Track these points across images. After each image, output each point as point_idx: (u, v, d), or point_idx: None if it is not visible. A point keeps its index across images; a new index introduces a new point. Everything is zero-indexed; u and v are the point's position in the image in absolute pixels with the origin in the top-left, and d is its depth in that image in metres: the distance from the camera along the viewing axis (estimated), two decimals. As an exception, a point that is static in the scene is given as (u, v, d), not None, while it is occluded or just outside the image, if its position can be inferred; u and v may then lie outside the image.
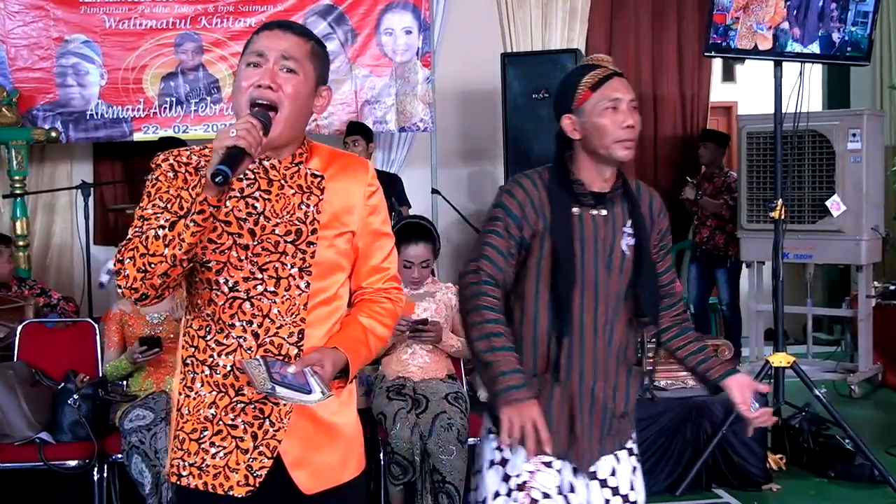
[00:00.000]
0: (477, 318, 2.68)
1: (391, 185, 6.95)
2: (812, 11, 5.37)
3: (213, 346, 2.36)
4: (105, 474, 4.53)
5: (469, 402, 4.71)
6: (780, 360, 5.49)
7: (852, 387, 7.25)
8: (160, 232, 2.20)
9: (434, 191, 7.74)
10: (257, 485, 2.35)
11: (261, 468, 2.35)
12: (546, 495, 2.74)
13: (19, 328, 5.10)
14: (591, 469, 2.79)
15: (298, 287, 2.35)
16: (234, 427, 2.36)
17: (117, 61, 7.31)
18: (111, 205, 7.45)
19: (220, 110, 7.45)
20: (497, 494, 2.80)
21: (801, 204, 7.31)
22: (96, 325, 5.14)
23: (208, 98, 7.44)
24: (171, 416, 2.48)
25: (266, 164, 2.38)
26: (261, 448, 2.35)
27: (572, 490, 2.77)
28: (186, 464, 2.38)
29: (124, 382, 4.75)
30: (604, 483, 2.81)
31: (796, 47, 5.41)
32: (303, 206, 2.37)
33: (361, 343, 2.45)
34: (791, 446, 5.58)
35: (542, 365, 2.76)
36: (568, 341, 2.73)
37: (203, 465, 2.36)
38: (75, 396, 4.65)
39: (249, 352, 2.33)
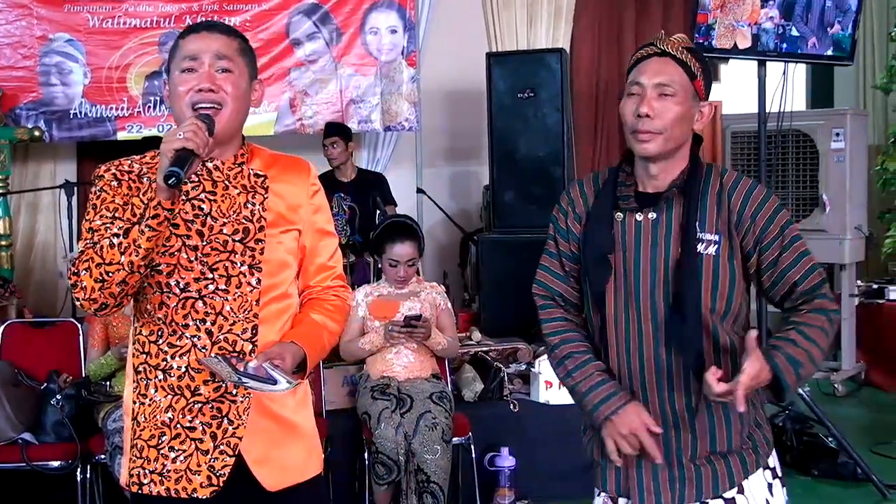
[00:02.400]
0: (549, 350, 2.56)
1: (377, 185, 6.94)
2: (798, 10, 5.39)
3: (166, 348, 2.37)
4: (88, 475, 4.51)
5: (454, 402, 4.71)
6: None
7: (836, 385, 7.27)
8: (115, 240, 2.23)
9: (419, 190, 7.74)
10: (221, 484, 2.35)
11: (223, 467, 2.36)
12: None
13: (1, 329, 5.08)
14: None
15: (250, 284, 2.38)
16: (192, 429, 2.36)
17: (101, 60, 7.27)
18: (95, 204, 7.40)
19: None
20: None
21: (784, 203, 7.33)
22: (79, 326, 5.12)
23: (192, 97, 7.40)
24: (125, 428, 2.48)
25: (209, 165, 2.42)
26: (221, 447, 2.36)
27: None
28: (147, 471, 2.38)
29: (108, 383, 4.73)
30: None
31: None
32: (248, 205, 2.41)
33: (316, 338, 2.48)
34: (775, 445, 5.59)
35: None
36: (615, 350, 2.45)
37: (164, 471, 2.36)
38: (58, 397, 4.63)
39: (204, 350, 2.35)
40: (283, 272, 2.45)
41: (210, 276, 2.37)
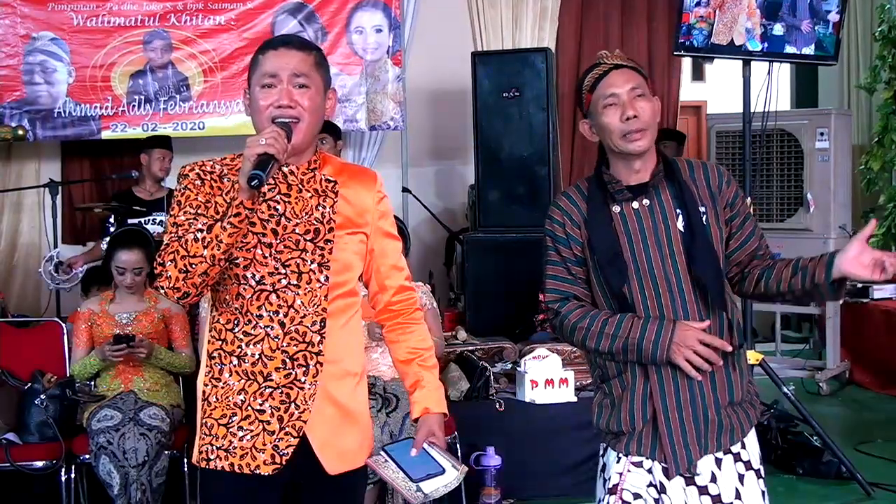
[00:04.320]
0: (581, 335, 2.69)
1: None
2: (800, 10, 5.41)
3: (241, 336, 2.54)
4: (73, 475, 4.50)
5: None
6: (748, 357, 5.51)
7: (820, 384, 7.30)
8: (199, 235, 2.40)
9: (405, 189, 7.74)
10: (283, 462, 2.52)
11: (287, 447, 2.52)
12: (637, 496, 2.69)
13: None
14: (690, 473, 2.65)
15: (319, 280, 2.55)
16: (262, 412, 2.53)
17: (85, 59, 7.24)
18: (79, 203, 7.36)
19: (189, 108, 7.40)
20: (599, 501, 2.78)
21: (769, 202, 7.37)
22: (63, 325, 5.10)
23: (177, 96, 7.38)
24: (196, 407, 2.65)
25: (285, 169, 2.58)
26: (287, 429, 2.52)
27: (664, 491, 2.66)
28: (214, 447, 2.55)
29: (92, 383, 4.71)
30: (703, 490, 2.65)
31: (787, 49, 5.44)
32: (319, 208, 2.58)
33: (438, 387, 2.76)
34: (759, 443, 5.61)
35: (621, 365, 2.70)
36: None
37: (230, 448, 2.53)
38: (42, 397, 4.61)
39: (276, 340, 2.52)
40: (349, 271, 2.62)
41: (283, 271, 2.54)
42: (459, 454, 4.75)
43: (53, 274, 6.04)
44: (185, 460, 4.61)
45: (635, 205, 2.70)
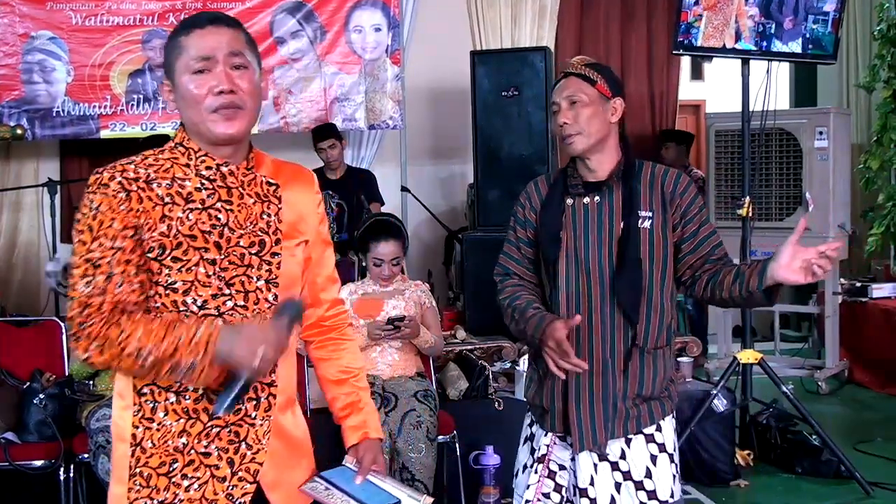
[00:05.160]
0: (503, 312, 3.06)
1: (365, 182, 6.95)
2: (792, 8, 5.40)
3: None
4: (72, 474, 4.49)
5: (438, 400, 4.71)
6: (747, 356, 5.52)
7: (819, 383, 7.31)
8: (139, 361, 2.06)
9: (404, 189, 7.73)
10: None
11: (244, 495, 2.22)
12: (562, 467, 2.98)
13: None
14: (598, 452, 2.92)
15: (267, 300, 2.24)
16: (208, 455, 2.20)
17: (84, 58, 7.24)
18: (78, 202, 7.36)
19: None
20: (525, 467, 3.09)
21: (768, 201, 7.36)
22: (62, 324, 5.10)
23: (176, 95, 7.37)
24: (117, 455, 2.26)
25: (224, 169, 2.25)
26: (240, 474, 2.21)
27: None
28: (156, 501, 2.18)
29: (91, 382, 4.71)
30: (614, 466, 2.92)
31: (777, 45, 5.44)
32: (264, 216, 2.26)
33: (374, 409, 2.54)
34: (759, 442, 5.62)
35: None
36: (567, 313, 2.91)
37: (175, 501, 2.18)
38: (41, 396, 4.61)
39: None
40: (295, 286, 2.32)
41: (227, 291, 2.19)
42: (458, 453, 4.75)
43: (60, 280, 6.01)
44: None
45: (586, 200, 2.95)
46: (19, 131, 7.01)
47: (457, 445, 4.75)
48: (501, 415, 5.11)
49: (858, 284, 7.66)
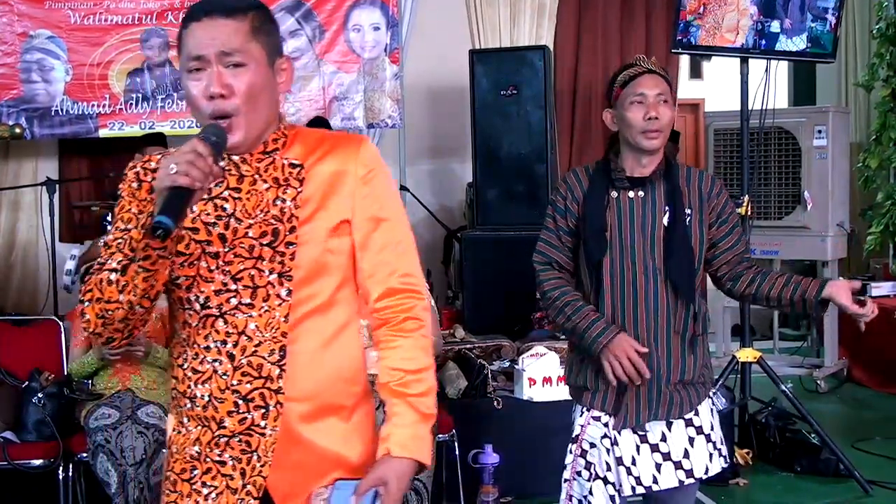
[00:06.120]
0: (548, 303, 3.13)
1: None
2: (794, 6, 5.40)
3: (190, 374, 2.08)
4: (70, 473, 4.49)
5: (437, 399, 4.69)
6: (746, 355, 5.53)
7: (818, 382, 7.31)
8: (112, 276, 1.95)
9: (402, 187, 7.72)
10: None
11: None
12: (592, 444, 3.08)
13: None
14: (643, 432, 3.07)
15: (279, 296, 2.04)
16: (223, 464, 2.07)
17: (83, 57, 7.23)
18: (77, 201, 7.36)
19: (187, 106, 7.37)
20: (569, 452, 3.16)
21: (767, 200, 7.36)
22: (61, 323, 5.10)
23: (175, 94, 7.36)
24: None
25: (235, 158, 2.08)
26: (248, 487, 2.07)
27: (616, 443, 3.06)
28: None
29: (89, 381, 4.70)
30: (654, 448, 3.08)
31: (776, 43, 5.44)
32: (278, 202, 2.06)
33: (414, 423, 2.12)
34: (758, 441, 5.61)
35: None
36: (611, 305, 3.06)
37: None
38: (40, 395, 4.61)
39: (225, 377, 2.04)
40: (320, 278, 2.08)
41: (233, 287, 2.04)
42: (457, 452, 4.75)
43: (73, 277, 5.99)
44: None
45: (631, 194, 3.07)
46: (18, 130, 7.00)
47: (456, 444, 4.75)
48: (500, 414, 5.12)
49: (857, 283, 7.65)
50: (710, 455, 3.15)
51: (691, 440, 3.11)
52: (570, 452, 3.12)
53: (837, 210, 7.35)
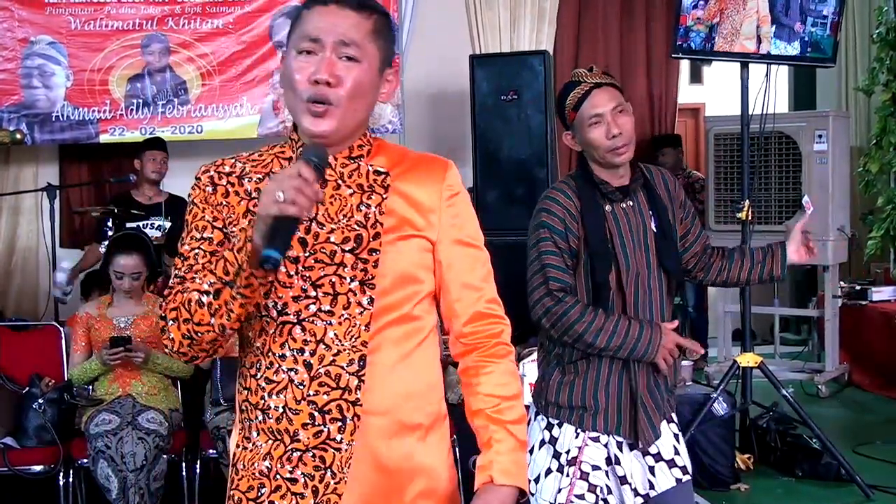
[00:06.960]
0: (581, 329, 2.94)
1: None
2: (793, 10, 5.40)
3: (264, 384, 1.97)
4: (71, 479, 4.50)
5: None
6: (747, 360, 5.52)
7: (819, 386, 7.30)
8: (204, 299, 1.88)
9: (403, 192, 7.73)
10: None
11: None
12: (595, 467, 2.98)
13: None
14: (655, 449, 3.02)
15: (360, 304, 1.95)
16: (294, 481, 1.96)
17: (83, 62, 7.25)
18: (77, 207, 7.37)
19: (188, 112, 7.40)
20: (549, 471, 3.02)
21: (767, 205, 7.36)
22: (61, 329, 5.10)
23: (175, 100, 7.38)
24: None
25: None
26: None
27: (617, 462, 3.00)
28: None
29: (90, 387, 4.70)
30: (646, 452, 3.02)
31: (781, 46, 5.43)
32: (362, 208, 1.98)
33: (513, 450, 2.06)
34: (759, 446, 5.61)
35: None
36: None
37: None
38: (40, 401, 4.61)
39: (301, 387, 1.94)
40: (404, 288, 2.00)
41: (312, 294, 1.94)
42: (458, 456, 4.74)
43: (65, 288, 5.99)
44: (184, 464, 4.60)
45: (624, 205, 3.03)
46: (18, 136, 7.02)
47: (456, 449, 4.74)
48: (501, 419, 5.10)
49: (858, 288, 7.66)
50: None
51: (676, 437, 3.09)
52: (566, 475, 2.97)
53: (838, 214, 7.35)
